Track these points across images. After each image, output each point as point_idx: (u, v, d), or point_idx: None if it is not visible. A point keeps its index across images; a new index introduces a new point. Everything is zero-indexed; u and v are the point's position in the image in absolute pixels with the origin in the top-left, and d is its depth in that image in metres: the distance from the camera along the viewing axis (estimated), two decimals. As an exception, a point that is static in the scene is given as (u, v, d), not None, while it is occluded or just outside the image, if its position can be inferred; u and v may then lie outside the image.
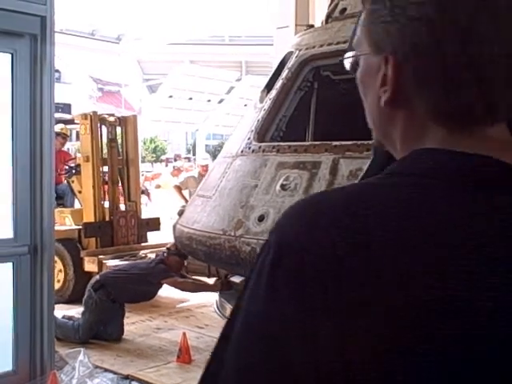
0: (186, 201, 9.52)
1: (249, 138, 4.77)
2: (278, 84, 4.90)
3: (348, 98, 5.59)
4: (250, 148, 4.69)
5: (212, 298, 6.55)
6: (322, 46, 4.75)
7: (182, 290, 6.39)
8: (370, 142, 3.80)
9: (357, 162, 4.08)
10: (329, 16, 5.16)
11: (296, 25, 9.77)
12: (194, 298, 7.20)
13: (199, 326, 6.31)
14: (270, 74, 5.26)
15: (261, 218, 4.19)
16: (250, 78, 24.40)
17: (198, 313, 6.87)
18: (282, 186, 4.24)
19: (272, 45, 11.02)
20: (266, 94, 5.04)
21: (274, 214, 4.15)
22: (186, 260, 6.69)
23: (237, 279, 5.61)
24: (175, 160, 18.65)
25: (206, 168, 11.25)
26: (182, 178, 10.95)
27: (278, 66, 5.17)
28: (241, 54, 32.99)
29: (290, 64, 4.92)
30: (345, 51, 3.65)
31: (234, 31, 33.03)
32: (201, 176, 10.95)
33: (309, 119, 5.12)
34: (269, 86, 5.11)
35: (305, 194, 4.10)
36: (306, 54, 4.84)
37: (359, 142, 4.16)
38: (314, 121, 5.11)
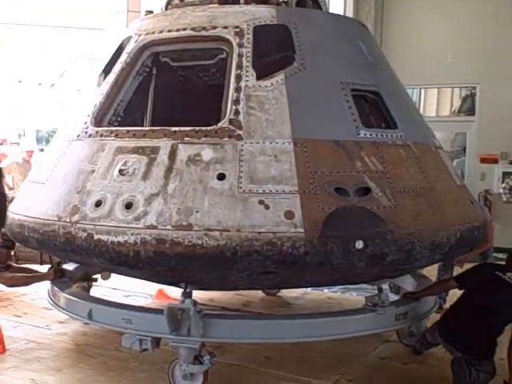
0: (10, 188, 9.08)
1: (86, 123, 4.65)
2: (117, 68, 4.82)
3: (186, 84, 5.67)
4: (86, 132, 4.58)
5: (36, 286, 6.27)
6: (161, 32, 4.75)
7: (13, 286, 6.10)
8: (209, 128, 3.90)
9: (195, 147, 4.14)
10: (168, 3, 5.16)
11: (128, 11, 9.68)
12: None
13: (17, 315, 6.15)
14: (107, 59, 5.14)
15: (98, 204, 4.12)
16: (82, 63, 23.60)
17: (17, 301, 6.67)
18: (120, 171, 4.20)
19: (104, 30, 10.83)
20: (104, 79, 4.93)
21: (112, 199, 4.09)
22: (15, 248, 6.40)
23: (69, 267, 5.47)
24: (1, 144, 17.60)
25: (30, 154, 10.78)
26: (5, 163, 10.40)
27: (116, 50, 5.08)
28: (72, 39, 31.74)
29: (129, 49, 4.85)
30: (184, 38, 3.74)
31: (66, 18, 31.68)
32: (25, 162, 10.49)
33: (147, 104, 5.10)
34: (106, 71, 5.01)
35: (143, 179, 4.10)
36: (146, 40, 4.80)
37: (197, 128, 4.23)
38: (153, 106, 5.10)
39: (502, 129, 11.61)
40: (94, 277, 5.83)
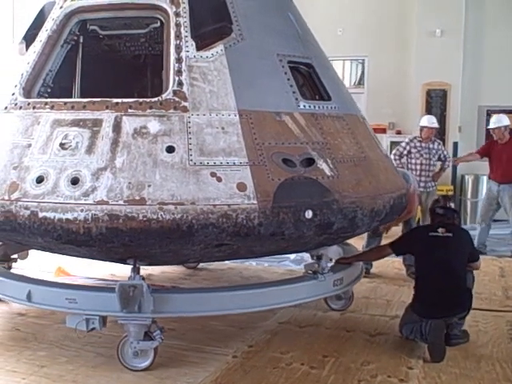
0: None
1: (13, 94, 4.36)
2: (43, 36, 4.54)
3: (111, 54, 5.47)
4: (16, 104, 4.30)
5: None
6: (90, -2, 4.53)
7: None
8: (153, 99, 3.82)
9: (141, 119, 4.03)
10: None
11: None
12: None
13: None
14: (27, 25, 4.83)
15: (39, 180, 3.90)
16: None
17: None
18: (62, 145, 4.00)
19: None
20: (27, 47, 4.64)
21: (55, 174, 3.90)
22: None
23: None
24: None
25: None
26: None
27: (37, 16, 4.78)
28: None
29: (54, 15, 4.59)
30: (117, 5, 3.62)
31: None
32: None
33: (73, 75, 4.87)
34: (27, 38, 4.71)
35: (88, 154, 3.94)
36: (73, 6, 4.55)
37: (141, 100, 4.12)
38: (81, 77, 4.88)
39: (388, 100, 12.19)
40: (13, 257, 5.54)
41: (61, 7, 4.59)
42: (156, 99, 4.09)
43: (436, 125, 8.53)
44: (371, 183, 4.54)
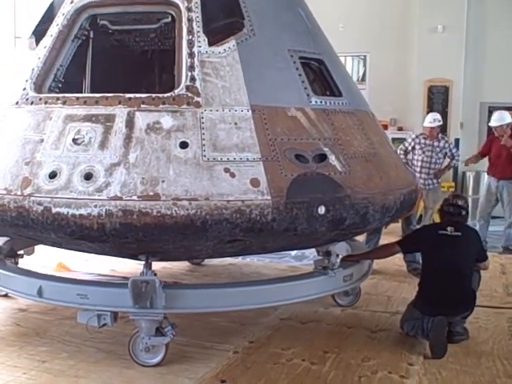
0: None
1: (24, 88, 4.34)
2: (54, 31, 4.52)
3: (119, 49, 5.45)
4: (27, 99, 4.28)
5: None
6: (101, -7, 4.51)
7: None
8: (166, 95, 3.79)
9: (154, 114, 4.01)
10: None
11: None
12: None
13: None
14: (37, 20, 4.80)
15: (52, 175, 3.89)
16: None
17: None
18: (74, 141, 3.98)
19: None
20: (37, 41, 4.61)
21: (68, 170, 3.88)
22: None
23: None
24: None
25: None
26: None
27: (47, 11, 4.76)
28: None
29: (64, 10, 4.56)
30: (128, 0, 3.59)
31: None
32: None
33: (85, 70, 4.85)
34: (37, 33, 4.69)
35: (101, 149, 3.92)
36: (84, 1, 4.53)
37: (154, 95, 4.10)
38: (91, 72, 4.86)
39: (390, 96, 12.18)
40: (19, 253, 5.53)
41: (71, 2, 4.56)
42: (169, 94, 4.07)
43: (435, 123, 8.49)
44: (382, 179, 4.54)
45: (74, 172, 3.87)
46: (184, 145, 3.92)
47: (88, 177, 3.83)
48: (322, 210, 4.04)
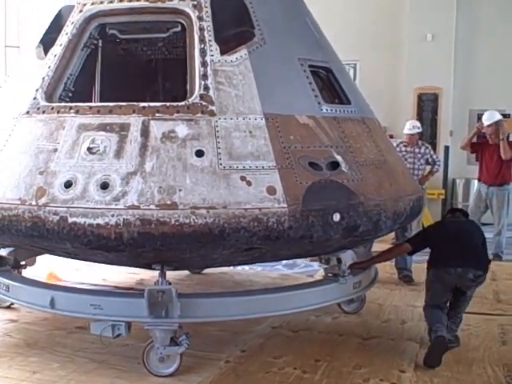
0: None
1: (35, 98, 4.31)
2: (63, 40, 4.49)
3: (128, 58, 5.44)
4: (39, 108, 4.25)
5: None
6: (111, 1, 4.49)
7: None
8: (180, 103, 3.80)
9: (168, 123, 4.01)
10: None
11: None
12: None
13: None
14: (44, 29, 4.78)
15: (68, 185, 3.86)
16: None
17: None
18: (89, 150, 3.96)
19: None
20: (45, 51, 4.58)
21: (84, 179, 3.86)
22: None
23: (3, 252, 5.09)
24: None
25: None
26: None
27: (54, 20, 4.74)
28: None
29: (73, 19, 4.54)
30: (138, 9, 3.64)
31: None
32: None
33: (94, 79, 4.83)
34: (45, 42, 4.66)
35: (117, 158, 3.91)
36: (93, 9, 4.51)
37: (168, 104, 4.09)
38: (100, 81, 4.84)
39: (380, 104, 12.22)
40: (22, 263, 5.46)
41: (80, 11, 4.55)
42: (183, 103, 4.07)
43: (414, 130, 8.54)
44: (392, 186, 4.57)
45: (89, 181, 3.84)
46: (200, 153, 3.92)
47: (104, 186, 3.81)
48: (337, 217, 4.05)
